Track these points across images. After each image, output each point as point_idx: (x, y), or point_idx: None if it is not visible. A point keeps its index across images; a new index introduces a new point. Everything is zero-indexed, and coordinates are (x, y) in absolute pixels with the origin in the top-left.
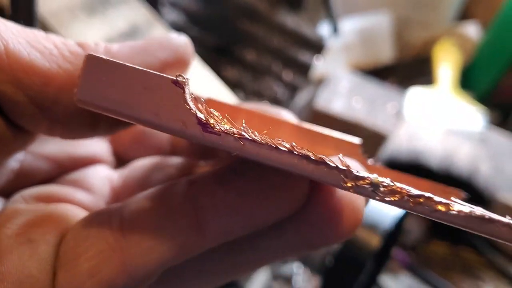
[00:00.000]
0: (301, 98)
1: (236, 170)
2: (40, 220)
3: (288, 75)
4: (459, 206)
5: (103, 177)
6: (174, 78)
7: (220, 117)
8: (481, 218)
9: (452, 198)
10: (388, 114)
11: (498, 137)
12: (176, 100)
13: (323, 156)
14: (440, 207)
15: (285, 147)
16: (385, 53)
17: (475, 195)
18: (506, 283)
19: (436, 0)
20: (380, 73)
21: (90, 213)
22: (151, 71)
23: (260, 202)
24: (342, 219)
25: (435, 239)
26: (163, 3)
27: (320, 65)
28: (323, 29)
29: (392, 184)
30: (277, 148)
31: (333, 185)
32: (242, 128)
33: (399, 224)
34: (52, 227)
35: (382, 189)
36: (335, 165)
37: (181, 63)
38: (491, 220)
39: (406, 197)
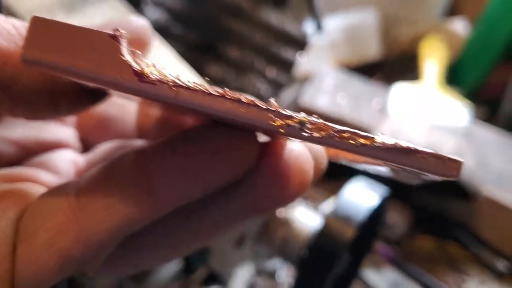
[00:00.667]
0: (287, 95)
1: (183, 136)
2: (1, 197)
3: (271, 72)
4: (383, 138)
5: (68, 160)
6: (111, 32)
7: (155, 68)
8: (407, 149)
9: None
10: (373, 110)
11: (484, 132)
12: (113, 53)
13: (253, 99)
14: (364, 141)
15: (218, 92)
16: (371, 50)
17: (460, 189)
18: (492, 276)
19: None
20: (367, 70)
21: (49, 188)
22: (90, 27)
23: (208, 164)
24: (289, 181)
25: (420, 234)
26: (145, 2)
27: (305, 62)
28: (307, 27)
29: (318, 121)
30: (210, 93)
31: (264, 126)
32: (176, 76)
33: (375, 216)
34: (13, 203)
35: (309, 126)
36: (265, 107)
37: (139, 44)
38: (416, 151)
39: (332, 133)
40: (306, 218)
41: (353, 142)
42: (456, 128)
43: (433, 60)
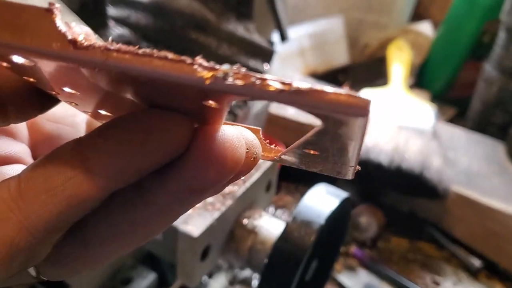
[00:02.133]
0: (258, 104)
1: (115, 121)
2: None
3: None
4: (300, 83)
5: None
6: (47, 7)
7: (89, 37)
8: (321, 91)
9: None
10: None
11: (452, 131)
12: (49, 25)
13: (181, 57)
14: (283, 86)
15: (144, 52)
16: (340, 56)
17: (429, 189)
18: (466, 275)
19: (390, 2)
20: (336, 75)
21: None
22: (24, 3)
23: (138, 146)
24: (222, 160)
25: (393, 235)
26: (109, 20)
27: (275, 71)
28: (273, 37)
29: (240, 71)
30: (138, 53)
31: (190, 80)
32: (108, 43)
33: (338, 220)
34: None
35: (232, 74)
36: (190, 61)
37: None
38: (326, 91)
39: (253, 80)
40: (272, 226)
41: (273, 88)
42: (423, 128)
43: (399, 63)
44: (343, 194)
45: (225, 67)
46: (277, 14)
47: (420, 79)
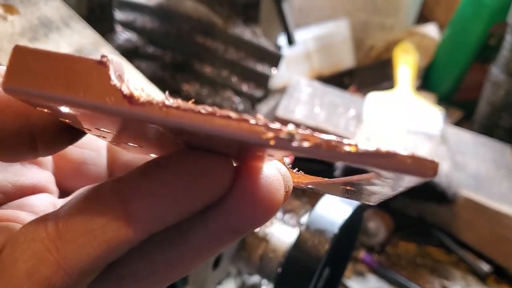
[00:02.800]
0: (263, 107)
1: (158, 163)
2: None
3: (246, 87)
4: (366, 144)
5: (48, 203)
6: (99, 59)
7: (143, 91)
8: (388, 153)
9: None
10: (349, 119)
11: (460, 135)
12: (102, 78)
13: (243, 115)
14: (349, 148)
15: (207, 110)
16: (346, 59)
17: (438, 193)
18: (475, 280)
19: (395, 4)
20: (342, 78)
21: (27, 222)
22: (76, 55)
23: (183, 189)
24: (265, 203)
25: (402, 240)
26: (116, 24)
27: (281, 74)
28: (280, 40)
29: (306, 132)
30: (200, 112)
31: (255, 141)
32: (165, 98)
33: (350, 227)
34: None
35: (298, 137)
36: (255, 121)
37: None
38: (396, 154)
39: (319, 142)
40: (283, 233)
41: (340, 150)
42: (431, 132)
43: (406, 66)
44: (355, 202)
45: (290, 127)
46: (284, 17)
47: (426, 81)
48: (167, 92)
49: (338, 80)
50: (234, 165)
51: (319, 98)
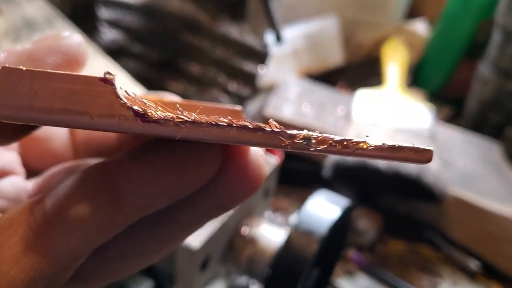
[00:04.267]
0: (251, 106)
1: (148, 147)
2: None
3: (233, 86)
4: (373, 140)
5: (18, 187)
6: (102, 76)
7: (154, 106)
8: (393, 147)
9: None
10: (338, 117)
11: (448, 132)
12: (108, 97)
13: (259, 124)
14: (360, 145)
15: (223, 122)
16: (334, 56)
17: (427, 191)
18: (464, 277)
19: (384, 0)
20: (331, 76)
21: (10, 208)
22: (75, 73)
23: (175, 173)
24: (252, 178)
25: (391, 238)
26: (101, 22)
27: (269, 73)
28: (267, 38)
29: (320, 135)
30: (217, 124)
31: (273, 146)
32: (179, 112)
33: (339, 227)
34: None
35: (313, 141)
36: (271, 129)
37: (74, 65)
38: (400, 147)
39: (333, 143)
40: (271, 234)
41: (351, 149)
42: (420, 130)
43: (395, 63)
44: (344, 202)
45: (305, 132)
46: (271, 15)
47: (415, 78)
48: (178, 105)
49: (327, 77)
50: None
51: (308, 96)
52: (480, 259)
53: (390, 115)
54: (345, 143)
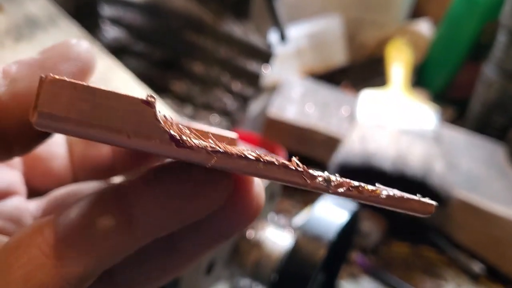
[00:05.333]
0: (255, 106)
1: (162, 171)
2: None
3: (237, 86)
4: (385, 190)
5: (20, 208)
6: (144, 98)
7: (189, 132)
8: (402, 198)
9: (377, 185)
10: (342, 118)
11: (453, 134)
12: (147, 119)
13: (285, 161)
14: (373, 193)
15: (252, 155)
16: (338, 56)
17: (431, 194)
18: (468, 279)
19: (388, 0)
20: (334, 76)
21: (18, 230)
22: (117, 91)
23: (188, 197)
24: (254, 209)
25: (395, 241)
26: (104, 20)
27: (272, 73)
28: (271, 37)
29: (340, 179)
30: (246, 157)
31: (295, 184)
32: (212, 142)
33: (346, 232)
34: None
35: (333, 183)
36: (295, 168)
37: (86, 71)
38: (409, 199)
39: (350, 188)
40: (277, 238)
41: (365, 194)
42: (425, 131)
43: (399, 63)
44: (352, 206)
45: (325, 175)
46: (275, 14)
47: (419, 78)
48: (211, 135)
49: (330, 77)
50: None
51: (311, 96)
52: (484, 262)
53: (394, 116)
54: (360, 189)
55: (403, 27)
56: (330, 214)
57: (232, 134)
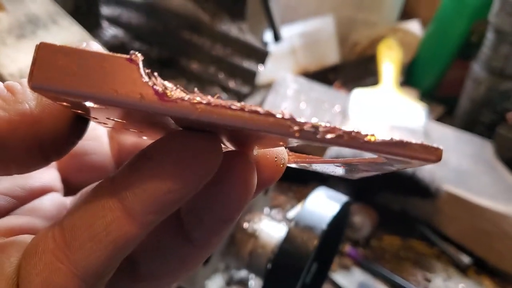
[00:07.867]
0: (250, 103)
1: (146, 154)
2: (3, 247)
3: (233, 83)
4: (381, 134)
5: (57, 204)
6: (128, 56)
7: (174, 87)
8: (401, 142)
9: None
10: (334, 115)
11: (442, 130)
12: (132, 75)
13: (269, 110)
14: (368, 138)
15: (236, 106)
16: (331, 55)
17: (421, 188)
18: (456, 271)
19: (379, 1)
20: (327, 74)
21: (38, 234)
22: (104, 52)
23: (173, 178)
24: (252, 189)
25: (386, 234)
26: (103, 19)
27: (267, 71)
28: (266, 37)
29: (328, 125)
30: (230, 107)
31: (282, 133)
32: (195, 94)
33: (338, 223)
34: (15, 250)
35: (321, 129)
36: (281, 116)
37: None
38: (408, 142)
39: (341, 134)
40: (272, 229)
41: (359, 140)
42: (414, 128)
43: (389, 62)
44: (343, 198)
45: (314, 120)
46: (270, 14)
47: (409, 77)
48: (196, 89)
49: (323, 76)
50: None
51: (305, 94)
52: (472, 254)
53: (385, 114)
54: (352, 134)
55: (394, 27)
56: (322, 206)
57: None
